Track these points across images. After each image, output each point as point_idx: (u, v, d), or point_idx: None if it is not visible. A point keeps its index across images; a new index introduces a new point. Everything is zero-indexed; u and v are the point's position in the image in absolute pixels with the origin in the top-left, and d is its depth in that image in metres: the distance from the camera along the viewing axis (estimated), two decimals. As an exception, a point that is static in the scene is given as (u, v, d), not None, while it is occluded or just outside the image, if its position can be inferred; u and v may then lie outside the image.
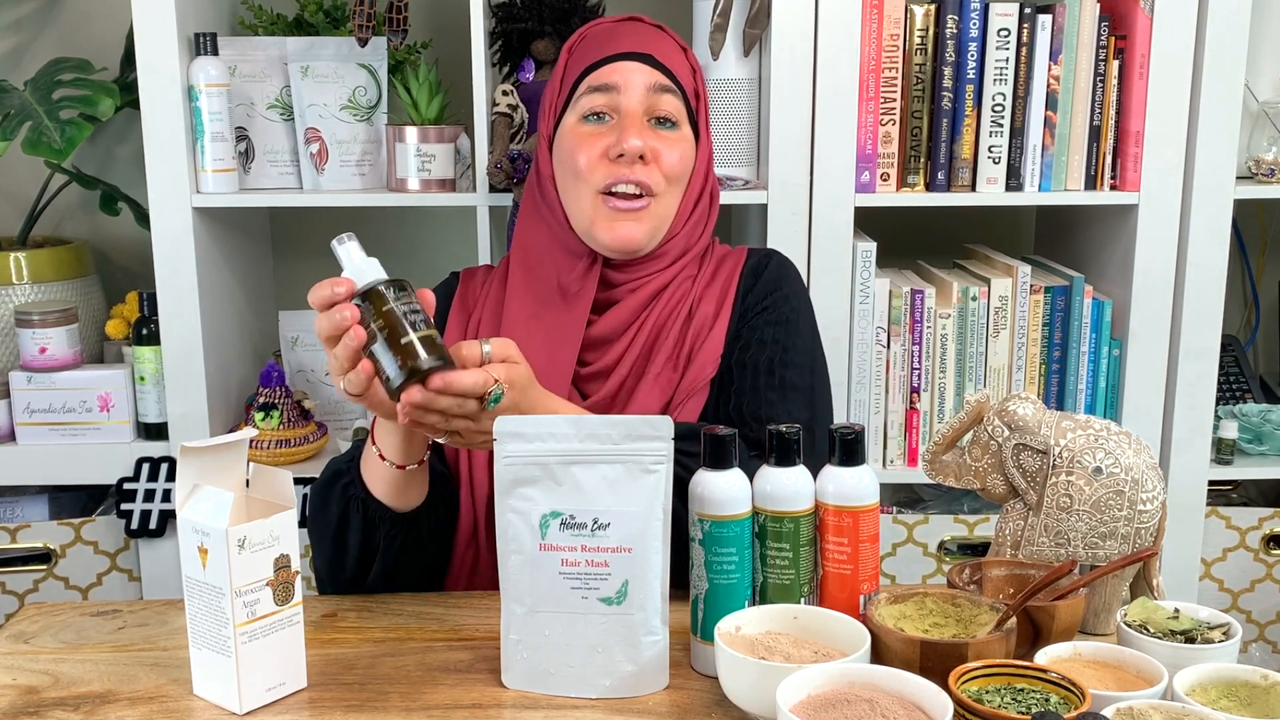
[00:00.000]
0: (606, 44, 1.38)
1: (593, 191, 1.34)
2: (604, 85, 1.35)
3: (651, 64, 1.36)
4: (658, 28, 1.43)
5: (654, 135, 1.35)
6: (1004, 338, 1.99)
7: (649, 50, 1.37)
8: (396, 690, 1.07)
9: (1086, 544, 1.15)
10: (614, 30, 1.41)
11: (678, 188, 1.37)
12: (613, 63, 1.36)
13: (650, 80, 1.35)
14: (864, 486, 1.09)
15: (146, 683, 1.09)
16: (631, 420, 1.05)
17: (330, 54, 1.98)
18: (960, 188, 1.96)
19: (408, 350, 1.05)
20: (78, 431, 2.02)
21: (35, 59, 2.20)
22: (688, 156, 1.38)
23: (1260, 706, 0.97)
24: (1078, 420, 1.17)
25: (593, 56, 1.37)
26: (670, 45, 1.41)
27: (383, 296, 1.07)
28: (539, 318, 1.38)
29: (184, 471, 1.05)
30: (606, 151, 1.33)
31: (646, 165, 1.34)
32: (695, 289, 1.41)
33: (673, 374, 1.37)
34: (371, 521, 1.27)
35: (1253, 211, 2.35)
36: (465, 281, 1.48)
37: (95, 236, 2.31)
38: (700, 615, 1.09)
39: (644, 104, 1.35)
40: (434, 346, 1.06)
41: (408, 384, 1.06)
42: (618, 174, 1.33)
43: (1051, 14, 1.90)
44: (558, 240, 1.40)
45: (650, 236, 1.36)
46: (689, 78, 1.41)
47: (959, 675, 0.95)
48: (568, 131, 1.37)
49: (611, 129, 1.35)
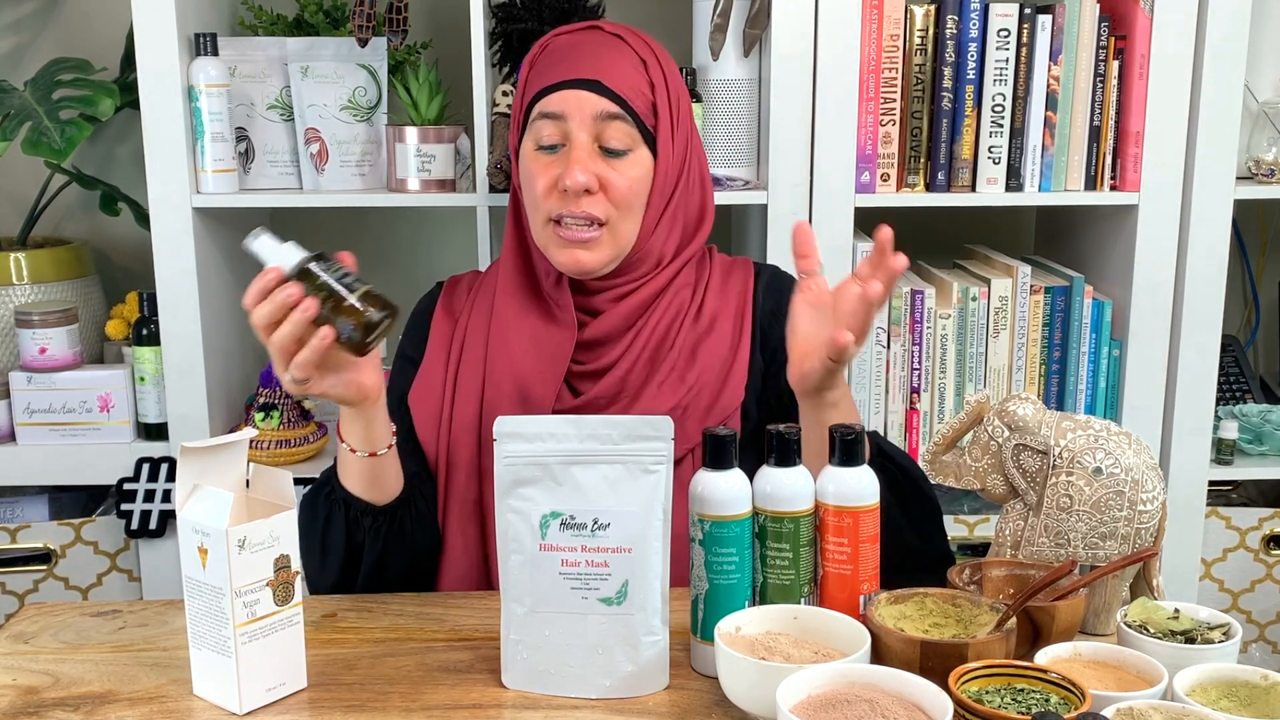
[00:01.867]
0: (558, 66, 1.36)
1: (544, 218, 1.34)
2: (552, 114, 1.33)
3: (599, 91, 1.33)
4: (616, 38, 1.38)
5: (604, 164, 1.33)
6: (1004, 338, 1.99)
7: (597, 76, 1.34)
8: (396, 690, 1.07)
9: (1086, 544, 1.15)
10: (570, 48, 1.37)
11: (634, 211, 1.35)
12: (561, 90, 1.34)
13: (597, 109, 1.33)
14: (864, 486, 1.09)
15: (146, 683, 1.09)
16: (632, 420, 1.05)
17: (330, 54, 1.98)
18: (960, 188, 1.96)
19: (355, 309, 1.13)
20: (78, 432, 2.02)
21: (35, 59, 2.20)
22: (642, 179, 1.35)
23: (1260, 707, 0.97)
24: (1078, 420, 1.17)
25: (546, 79, 1.36)
26: (626, 63, 1.36)
27: (313, 272, 1.13)
28: (526, 318, 1.39)
29: (184, 472, 1.05)
30: (556, 183, 1.32)
31: (594, 196, 1.32)
32: (699, 295, 1.41)
33: (680, 382, 1.37)
34: (354, 519, 1.30)
35: (1253, 211, 2.35)
36: (450, 290, 1.49)
37: (95, 236, 2.31)
38: (700, 615, 1.09)
39: (591, 132, 1.33)
40: (376, 298, 1.14)
41: (367, 340, 1.13)
42: (566, 208, 1.32)
43: (1051, 14, 1.90)
44: (533, 244, 1.40)
45: (606, 260, 1.35)
46: (643, 95, 1.35)
47: (959, 675, 0.95)
48: (526, 156, 1.37)
49: (561, 159, 1.33)
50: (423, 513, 1.35)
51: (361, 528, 1.30)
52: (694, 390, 1.36)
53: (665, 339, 1.38)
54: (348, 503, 1.30)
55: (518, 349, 1.38)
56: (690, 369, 1.37)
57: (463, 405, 1.39)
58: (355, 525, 1.30)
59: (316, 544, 1.32)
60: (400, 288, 2.31)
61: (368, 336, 1.13)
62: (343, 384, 1.20)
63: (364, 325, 1.12)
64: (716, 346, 1.39)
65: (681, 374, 1.37)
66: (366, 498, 1.30)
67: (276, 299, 1.12)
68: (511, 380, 1.37)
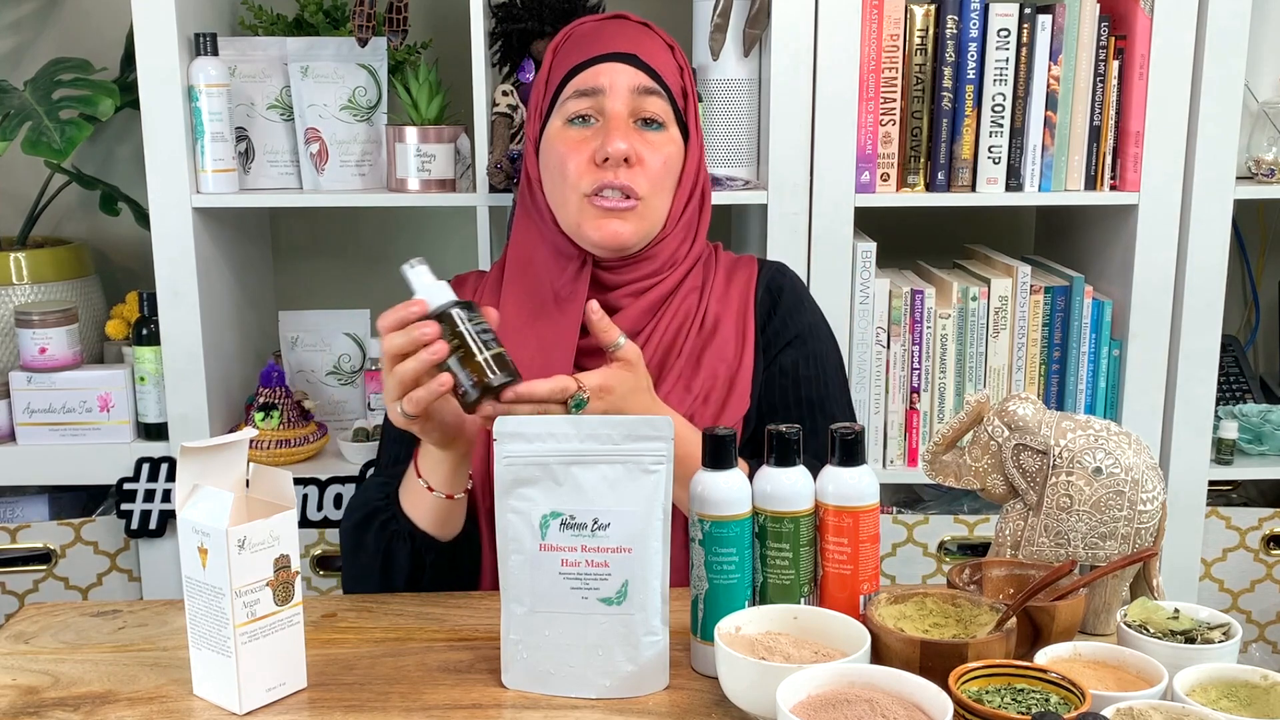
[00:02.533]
0: (591, 45, 1.37)
1: (580, 195, 1.33)
2: (589, 89, 1.34)
3: (636, 64, 1.34)
4: (644, 25, 1.41)
5: (639, 138, 1.34)
6: (1004, 338, 1.99)
7: (633, 50, 1.35)
8: (396, 690, 1.07)
9: (1086, 544, 1.15)
10: (599, 29, 1.39)
11: (666, 189, 1.36)
12: (597, 64, 1.34)
13: (635, 82, 1.34)
14: (864, 487, 1.09)
15: (146, 683, 1.09)
16: (632, 420, 1.05)
17: (330, 54, 1.98)
18: (960, 188, 1.96)
19: (481, 367, 1.11)
20: (78, 431, 2.02)
21: (35, 59, 2.20)
22: (675, 158, 1.36)
23: (1260, 707, 0.97)
24: (1078, 420, 1.17)
25: (577, 58, 1.36)
26: (656, 44, 1.39)
27: (454, 318, 1.13)
28: (533, 324, 1.38)
29: (184, 471, 1.05)
30: (593, 156, 1.32)
31: (631, 169, 1.32)
32: (706, 299, 1.41)
33: (686, 391, 1.36)
34: (418, 552, 1.29)
35: (1253, 211, 2.35)
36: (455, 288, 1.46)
37: (95, 236, 2.31)
38: (700, 615, 1.09)
39: (629, 106, 1.34)
40: (504, 364, 1.13)
41: (482, 399, 1.12)
42: (603, 179, 1.32)
43: (1051, 14, 1.90)
44: (548, 243, 1.39)
45: (640, 236, 1.35)
46: (676, 77, 1.39)
47: (959, 675, 0.95)
48: (554, 136, 1.36)
49: (596, 132, 1.34)
50: (477, 543, 1.34)
51: (425, 563, 1.29)
52: (699, 399, 1.36)
53: (673, 346, 1.38)
54: (414, 536, 1.28)
55: (525, 357, 1.36)
56: (696, 377, 1.37)
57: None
58: (418, 558, 1.29)
59: (374, 574, 1.31)
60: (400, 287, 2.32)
61: (483, 397, 1.12)
62: (443, 429, 1.19)
63: (483, 385, 1.11)
64: (721, 354, 1.38)
65: (688, 382, 1.37)
66: (433, 533, 1.28)
67: (411, 334, 1.12)
68: None
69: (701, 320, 1.40)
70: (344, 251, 2.35)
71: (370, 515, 1.31)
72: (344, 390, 2.20)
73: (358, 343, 2.19)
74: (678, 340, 1.38)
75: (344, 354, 2.19)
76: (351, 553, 1.34)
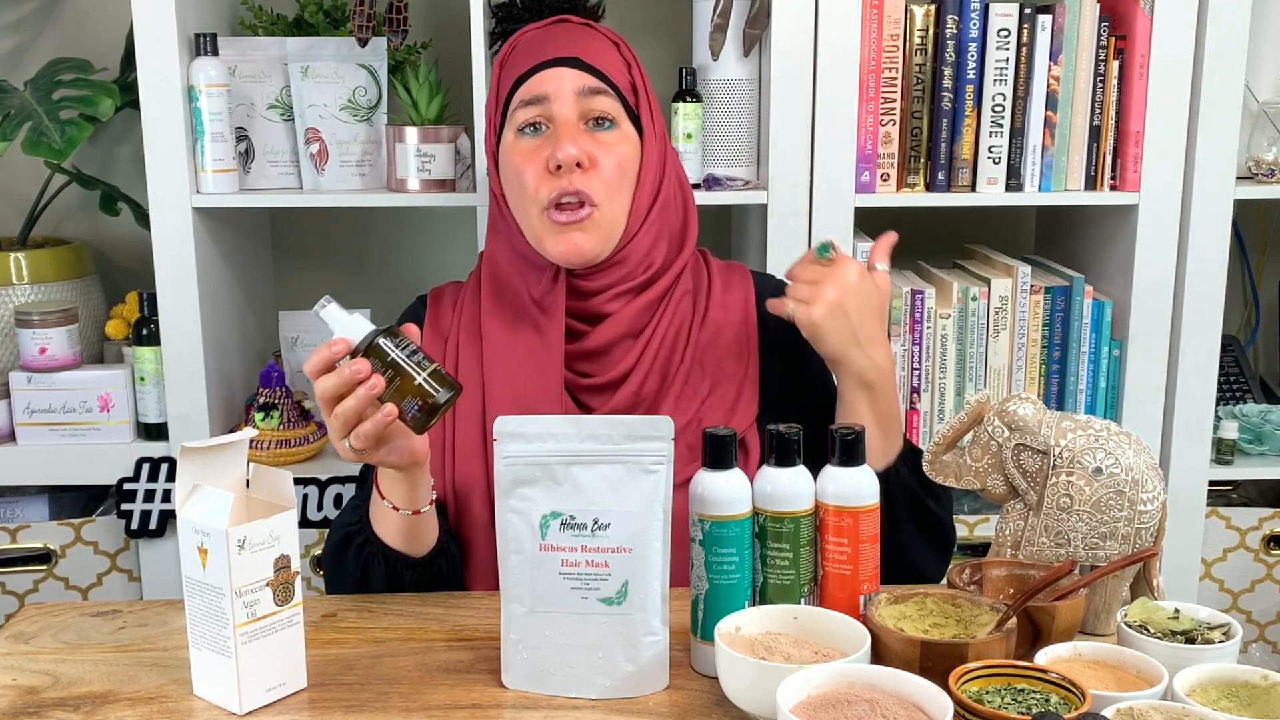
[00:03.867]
0: (534, 52, 1.35)
1: (539, 208, 1.32)
2: (535, 97, 1.32)
3: (580, 66, 1.33)
4: (586, 25, 1.39)
5: (591, 139, 1.32)
6: (1004, 338, 1.99)
7: (575, 53, 1.34)
8: (396, 690, 1.07)
9: (1086, 544, 1.15)
10: (542, 36, 1.38)
11: (624, 190, 1.34)
12: (541, 70, 1.33)
13: (580, 84, 1.32)
14: (864, 486, 1.09)
15: (146, 683, 1.09)
16: (632, 420, 1.05)
17: (330, 54, 1.98)
18: (960, 188, 1.96)
19: (423, 389, 1.12)
20: (78, 432, 2.02)
21: (35, 59, 2.20)
22: (630, 156, 1.34)
23: (1260, 707, 0.97)
24: (1078, 420, 1.17)
25: (521, 67, 1.35)
26: (600, 43, 1.37)
27: (382, 348, 1.13)
28: (518, 333, 1.37)
29: (184, 471, 1.05)
30: (546, 164, 1.31)
31: (586, 173, 1.30)
32: (702, 304, 1.40)
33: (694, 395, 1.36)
34: (394, 572, 1.29)
35: (1253, 211, 2.35)
36: (434, 304, 1.45)
37: (95, 236, 2.31)
38: (700, 615, 1.09)
39: (577, 109, 1.32)
40: (443, 379, 1.13)
41: (432, 418, 1.13)
42: (559, 186, 1.30)
43: (1051, 14, 1.90)
44: (519, 254, 1.38)
45: (602, 244, 1.33)
46: (623, 73, 1.36)
47: (959, 675, 0.95)
48: (508, 148, 1.35)
49: (548, 140, 1.32)
50: (455, 556, 1.33)
51: (402, 580, 1.29)
52: (708, 403, 1.36)
53: (674, 349, 1.36)
54: (387, 556, 1.28)
55: (516, 369, 1.36)
56: (702, 380, 1.37)
57: (465, 431, 1.36)
58: (395, 577, 1.29)
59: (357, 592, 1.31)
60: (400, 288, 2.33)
61: (431, 417, 1.13)
62: (396, 452, 1.19)
63: (429, 407, 1.12)
64: (725, 356, 1.38)
65: (695, 387, 1.36)
66: (405, 551, 1.28)
67: (343, 374, 1.11)
68: (513, 402, 1.34)
69: (702, 323, 1.39)
70: (344, 251, 2.35)
71: (346, 539, 1.31)
72: (344, 390, 2.20)
73: (358, 343, 2.18)
74: (678, 344, 1.37)
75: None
76: (333, 576, 1.35)
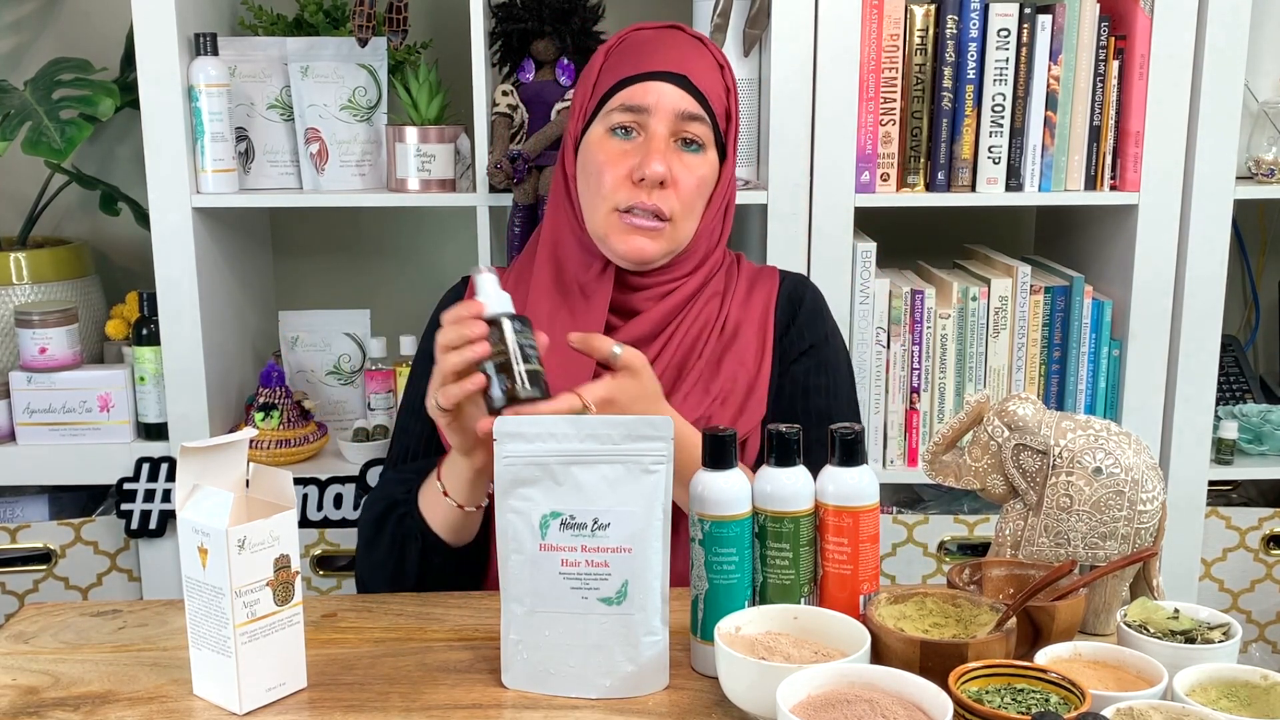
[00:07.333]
0: (644, 58, 1.37)
1: (610, 208, 1.34)
2: (635, 105, 1.35)
3: (685, 86, 1.35)
4: (698, 40, 1.41)
5: (677, 159, 1.35)
6: (1004, 338, 1.99)
7: (685, 71, 1.36)
8: (396, 690, 1.07)
9: (1086, 544, 1.15)
10: (655, 40, 1.39)
11: (696, 210, 1.38)
12: (646, 81, 1.35)
13: (681, 106, 1.35)
14: (864, 487, 1.09)
15: (146, 683, 1.09)
16: (632, 420, 1.05)
17: (330, 54, 1.98)
18: (960, 188, 1.96)
19: (516, 377, 1.15)
20: (78, 432, 2.02)
21: (35, 59, 2.20)
22: (709, 179, 1.38)
23: (1260, 707, 0.97)
24: (1078, 420, 1.17)
25: (627, 70, 1.37)
26: (708, 63, 1.39)
27: (506, 326, 1.17)
28: (561, 311, 1.39)
29: (184, 471, 1.05)
30: (630, 173, 1.33)
31: (665, 190, 1.34)
32: (727, 306, 1.42)
33: (705, 393, 1.37)
34: (427, 553, 1.30)
35: (1253, 211, 2.35)
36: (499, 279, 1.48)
37: (95, 236, 2.31)
38: (700, 615, 1.09)
39: (671, 128, 1.35)
40: (537, 380, 1.16)
41: (507, 407, 1.14)
42: (637, 198, 1.33)
43: (1051, 14, 1.90)
44: (575, 238, 1.40)
45: (664, 254, 1.37)
46: (722, 100, 1.39)
47: (959, 675, 0.95)
48: (594, 142, 1.37)
49: (637, 147, 1.35)
50: (487, 554, 1.35)
51: (431, 564, 1.31)
52: (718, 401, 1.37)
53: (693, 349, 1.39)
54: (424, 535, 1.29)
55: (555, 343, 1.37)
56: (715, 380, 1.38)
57: None
58: (426, 559, 1.31)
59: (389, 565, 1.32)
60: (400, 287, 2.33)
61: (506, 405, 1.14)
62: (464, 432, 1.21)
63: (511, 395, 1.14)
64: (740, 359, 1.39)
65: (706, 385, 1.37)
66: (445, 537, 1.30)
67: (462, 328, 1.15)
68: None
69: (722, 325, 1.41)
70: (344, 251, 2.35)
71: (390, 508, 1.33)
72: (344, 390, 2.20)
73: (358, 343, 2.19)
74: (698, 344, 1.39)
75: (344, 354, 2.19)
76: (368, 544, 1.35)
